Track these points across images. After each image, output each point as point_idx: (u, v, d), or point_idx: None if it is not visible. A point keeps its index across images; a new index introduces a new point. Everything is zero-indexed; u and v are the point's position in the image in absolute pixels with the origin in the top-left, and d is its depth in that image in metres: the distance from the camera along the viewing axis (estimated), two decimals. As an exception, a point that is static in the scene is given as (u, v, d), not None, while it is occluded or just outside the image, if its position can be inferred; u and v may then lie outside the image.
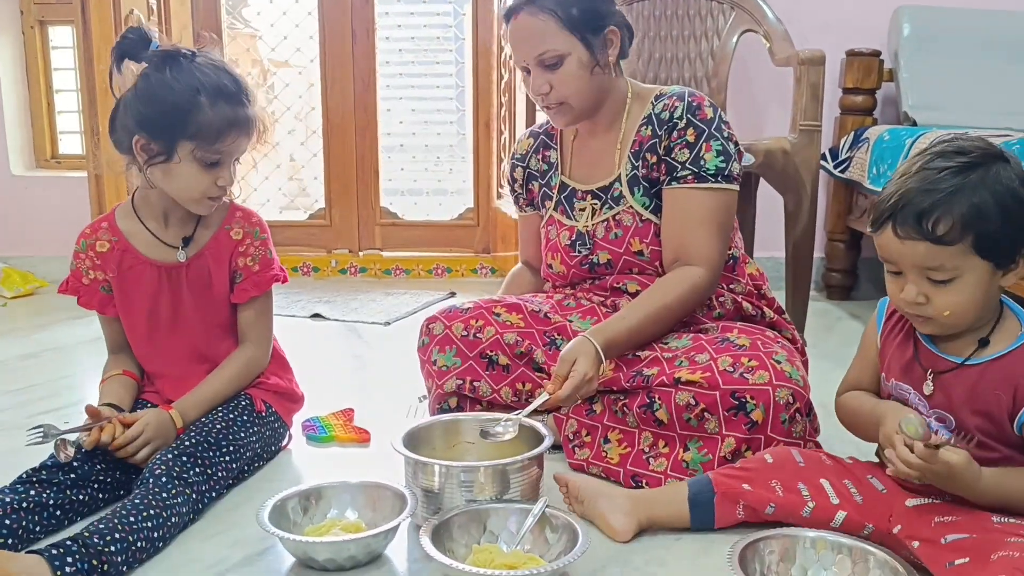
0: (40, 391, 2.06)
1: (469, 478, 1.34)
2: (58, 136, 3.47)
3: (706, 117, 1.65)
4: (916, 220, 1.13)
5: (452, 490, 1.34)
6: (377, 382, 2.15)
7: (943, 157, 1.16)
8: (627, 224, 1.71)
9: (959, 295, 1.15)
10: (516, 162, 1.89)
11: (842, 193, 3.06)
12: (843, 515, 1.29)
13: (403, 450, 1.38)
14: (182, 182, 1.48)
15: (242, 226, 1.61)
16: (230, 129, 1.46)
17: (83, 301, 1.61)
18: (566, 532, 1.27)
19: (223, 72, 1.48)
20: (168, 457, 1.38)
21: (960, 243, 1.13)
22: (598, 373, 1.54)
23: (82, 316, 2.74)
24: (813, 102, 2.41)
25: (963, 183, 1.13)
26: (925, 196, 1.13)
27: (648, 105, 1.71)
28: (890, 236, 1.16)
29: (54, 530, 1.34)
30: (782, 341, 1.62)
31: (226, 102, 1.46)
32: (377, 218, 3.52)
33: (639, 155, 1.70)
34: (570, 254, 1.76)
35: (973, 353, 1.20)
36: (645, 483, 1.50)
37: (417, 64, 3.58)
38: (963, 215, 1.12)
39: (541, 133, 1.87)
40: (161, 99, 1.44)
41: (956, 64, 2.88)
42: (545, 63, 1.63)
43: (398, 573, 1.27)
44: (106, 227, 1.58)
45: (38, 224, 3.28)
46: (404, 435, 1.43)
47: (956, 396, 1.21)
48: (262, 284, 1.62)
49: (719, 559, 1.24)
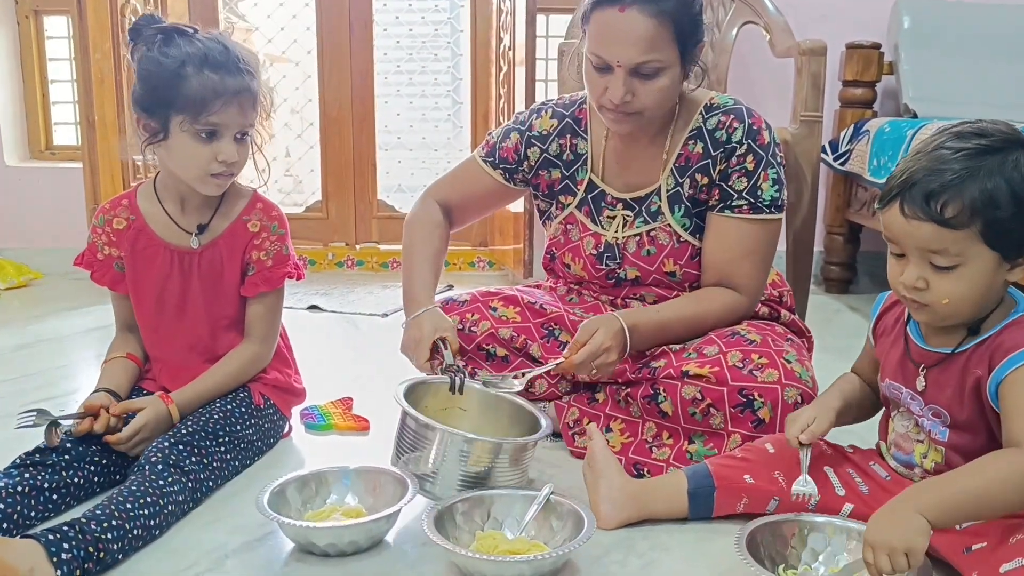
0: (35, 381, 2.04)
1: (464, 448, 1.33)
2: (53, 127, 3.44)
3: (764, 143, 1.57)
4: (924, 200, 1.09)
5: (446, 456, 1.33)
6: (375, 372, 2.13)
7: (960, 138, 1.12)
8: (662, 243, 1.63)
9: (960, 284, 1.12)
10: (534, 141, 1.70)
11: (841, 187, 3.06)
12: (850, 507, 1.28)
13: (406, 404, 1.37)
14: (181, 159, 1.46)
15: (260, 218, 1.58)
16: (217, 98, 1.41)
17: (96, 276, 1.59)
18: (571, 518, 1.26)
19: (216, 43, 1.44)
20: (164, 445, 1.37)
21: (967, 228, 1.08)
22: (621, 350, 1.48)
23: (76, 307, 2.76)
24: (814, 93, 2.41)
25: (977, 166, 1.09)
26: (936, 176, 1.09)
27: (697, 116, 1.60)
28: (896, 214, 1.13)
29: (50, 514, 1.32)
30: (792, 338, 1.60)
31: (212, 70, 1.41)
32: (374, 211, 3.49)
33: (686, 172, 1.61)
34: (596, 265, 1.67)
35: (962, 341, 1.18)
36: (647, 471, 1.49)
37: (415, 57, 3.57)
38: (973, 199, 1.08)
39: (567, 116, 1.70)
40: (149, 75, 1.43)
41: (956, 56, 2.88)
42: (642, 72, 1.47)
43: (399, 558, 1.25)
44: (126, 204, 1.56)
45: (32, 216, 3.25)
46: (404, 386, 1.43)
47: (947, 387, 1.19)
48: (273, 280, 1.59)
49: (724, 545, 1.23)
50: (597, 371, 1.49)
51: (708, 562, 1.24)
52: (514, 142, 1.72)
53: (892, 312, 1.31)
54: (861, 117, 2.94)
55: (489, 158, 1.75)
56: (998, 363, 1.12)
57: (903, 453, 1.27)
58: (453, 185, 1.80)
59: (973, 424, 1.18)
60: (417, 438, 1.35)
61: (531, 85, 2.79)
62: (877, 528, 1.05)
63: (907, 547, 1.02)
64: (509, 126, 1.75)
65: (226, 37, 1.48)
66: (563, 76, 2.60)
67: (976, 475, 1.08)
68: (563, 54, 2.61)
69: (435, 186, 1.82)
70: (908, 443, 1.26)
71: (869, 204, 2.84)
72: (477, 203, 1.80)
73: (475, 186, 1.77)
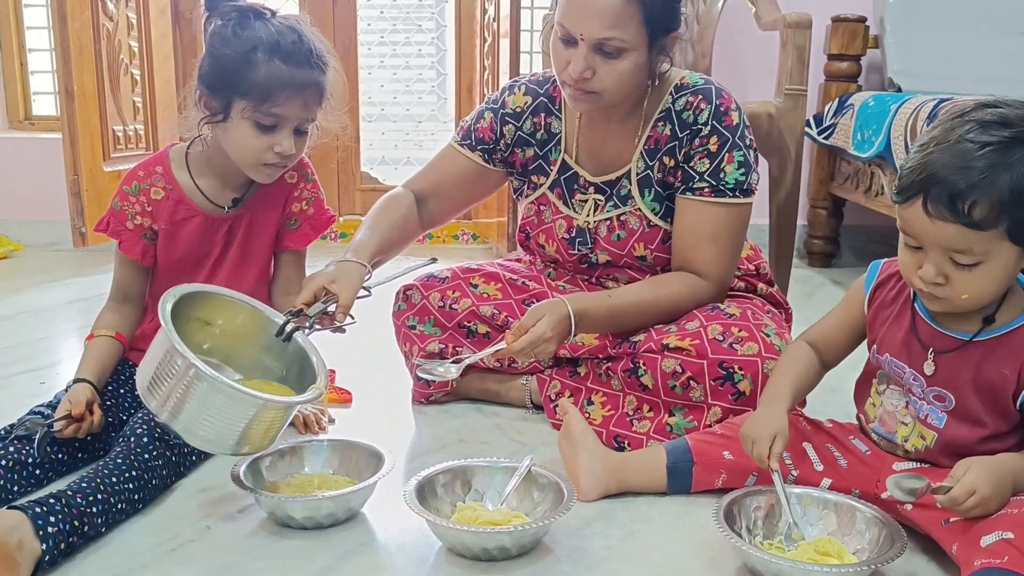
0: (16, 352, 2.03)
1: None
2: (32, 97, 3.40)
3: (731, 124, 1.54)
4: (950, 201, 1.03)
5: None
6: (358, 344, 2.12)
7: (983, 128, 1.05)
8: (633, 227, 1.61)
9: (982, 280, 1.08)
10: (508, 119, 1.67)
11: (825, 160, 3.06)
12: (828, 482, 1.29)
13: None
14: (237, 143, 1.42)
15: (296, 168, 1.55)
16: (283, 89, 1.37)
17: (125, 247, 1.51)
18: (552, 490, 1.26)
19: (291, 31, 1.40)
20: (150, 417, 1.35)
21: (995, 229, 1.04)
22: (562, 337, 1.45)
23: (57, 279, 2.74)
24: (799, 66, 2.40)
25: (1006, 162, 1.03)
26: (962, 175, 1.03)
27: (667, 96, 1.57)
28: (918, 212, 1.07)
29: (32, 489, 1.32)
30: (771, 310, 1.61)
31: (283, 61, 1.37)
32: (357, 183, 3.48)
33: (655, 154, 1.58)
34: (568, 250, 1.66)
35: (980, 330, 1.15)
36: (627, 444, 1.50)
37: (399, 28, 3.53)
38: (1003, 200, 1.02)
39: (542, 94, 1.67)
40: (220, 54, 1.39)
41: (942, 30, 2.87)
42: (603, 49, 1.44)
43: (377, 530, 1.26)
44: (160, 172, 1.50)
45: (12, 187, 3.21)
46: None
47: (961, 375, 1.16)
48: (319, 226, 1.60)
49: (703, 517, 1.24)
50: (535, 358, 1.47)
51: (688, 533, 1.26)
52: (488, 121, 1.69)
53: (890, 284, 1.26)
54: (846, 91, 2.94)
55: (466, 141, 1.71)
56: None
57: (886, 430, 1.26)
58: (429, 173, 1.75)
59: (976, 416, 1.17)
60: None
61: (516, 57, 2.78)
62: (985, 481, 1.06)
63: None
64: (482, 107, 1.72)
65: (304, 24, 1.43)
66: (547, 47, 2.58)
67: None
68: (548, 26, 2.59)
69: (411, 177, 1.77)
70: (893, 422, 1.25)
71: (852, 178, 2.85)
72: (455, 190, 1.74)
73: (452, 171, 1.73)
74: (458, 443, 1.57)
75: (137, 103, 2.98)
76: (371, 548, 1.22)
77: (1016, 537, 1.02)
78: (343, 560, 1.18)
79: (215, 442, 1.23)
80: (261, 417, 1.23)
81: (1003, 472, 1.08)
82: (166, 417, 1.21)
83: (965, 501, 1.05)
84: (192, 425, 1.21)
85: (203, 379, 1.18)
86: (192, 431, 1.21)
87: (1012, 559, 1.00)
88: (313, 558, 1.18)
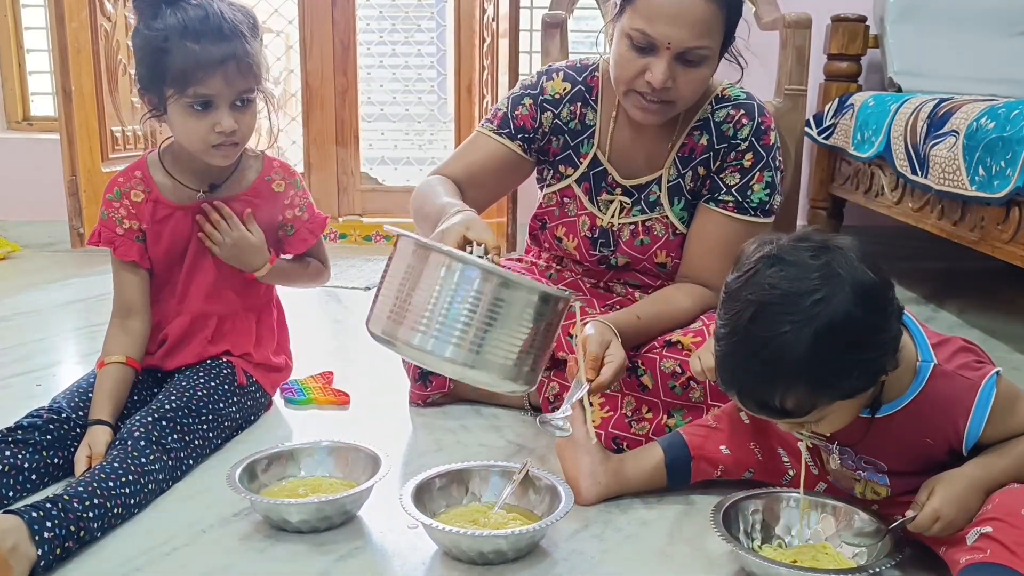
0: (13, 354, 2.02)
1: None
2: (30, 97, 3.39)
3: (768, 143, 1.53)
4: (760, 407, 1.05)
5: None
6: (356, 346, 2.12)
7: (765, 313, 1.01)
8: (658, 234, 1.59)
9: (837, 423, 1.10)
10: (547, 105, 1.60)
11: (825, 161, 3.05)
12: (823, 486, 1.29)
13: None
14: (182, 132, 1.44)
15: (283, 177, 1.58)
16: (198, 70, 1.37)
17: (121, 252, 1.50)
18: (549, 493, 1.26)
19: (197, 8, 1.39)
20: (147, 420, 1.36)
21: (816, 409, 1.04)
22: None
23: (54, 280, 2.74)
24: (799, 66, 2.40)
25: (790, 354, 0.99)
26: (760, 383, 1.03)
27: (707, 105, 1.55)
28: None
29: (26, 494, 1.32)
30: None
31: (193, 41, 1.37)
32: (357, 184, 3.47)
33: (688, 163, 1.56)
34: (589, 250, 1.64)
35: (871, 419, 1.13)
36: (626, 446, 1.49)
37: (398, 28, 3.53)
38: (810, 391, 1.02)
39: (580, 82, 1.61)
40: (138, 49, 1.42)
41: (942, 30, 2.87)
42: (686, 57, 1.40)
43: (373, 534, 1.26)
44: (139, 176, 1.52)
45: (10, 187, 3.20)
46: None
47: (881, 448, 1.17)
48: (316, 229, 1.63)
49: (701, 519, 1.24)
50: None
51: (686, 537, 1.25)
52: (528, 108, 1.61)
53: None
54: (846, 91, 2.94)
55: (504, 129, 1.63)
56: (960, 428, 1.10)
57: (843, 486, 1.26)
58: (463, 163, 1.64)
59: (916, 468, 1.16)
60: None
61: (515, 56, 2.77)
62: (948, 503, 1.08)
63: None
64: (517, 92, 1.64)
65: (212, 1, 1.42)
66: (547, 47, 2.58)
67: None
68: (547, 25, 2.59)
69: (442, 166, 1.66)
70: (847, 480, 1.24)
71: (852, 178, 2.84)
72: (492, 181, 1.64)
73: (489, 161, 1.62)
74: (455, 445, 1.56)
75: (135, 103, 2.97)
76: (367, 552, 1.21)
77: (995, 530, 1.04)
78: (339, 564, 1.18)
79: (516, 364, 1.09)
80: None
81: (967, 489, 1.09)
82: (464, 355, 1.07)
83: (932, 526, 1.08)
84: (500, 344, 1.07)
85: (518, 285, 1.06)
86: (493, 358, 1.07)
87: (994, 552, 1.02)
88: (309, 562, 1.18)
